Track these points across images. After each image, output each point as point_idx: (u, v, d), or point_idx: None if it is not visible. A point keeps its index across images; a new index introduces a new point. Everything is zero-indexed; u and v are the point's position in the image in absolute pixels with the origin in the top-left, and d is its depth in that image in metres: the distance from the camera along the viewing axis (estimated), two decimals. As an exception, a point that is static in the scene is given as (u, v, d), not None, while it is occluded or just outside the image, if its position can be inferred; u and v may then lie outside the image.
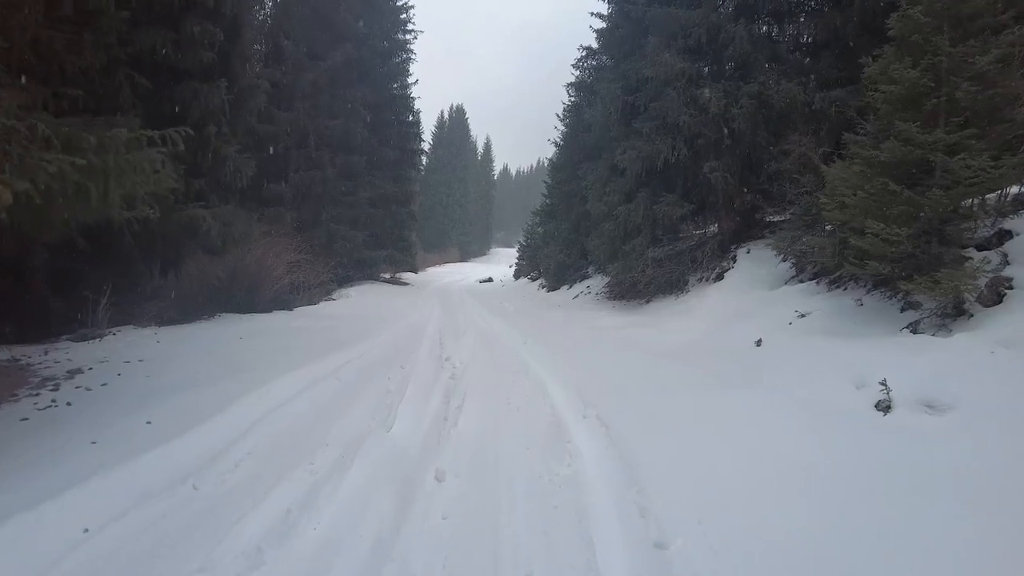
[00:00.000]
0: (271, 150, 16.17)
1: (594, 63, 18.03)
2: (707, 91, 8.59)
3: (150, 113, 6.45)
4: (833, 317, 5.50)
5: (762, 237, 9.84)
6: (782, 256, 8.23)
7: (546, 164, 25.62)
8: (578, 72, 18.74)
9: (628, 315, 9.42)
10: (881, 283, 5.74)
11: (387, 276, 20.79)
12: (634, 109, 9.99)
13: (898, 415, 3.34)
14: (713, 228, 10.74)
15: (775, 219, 10.92)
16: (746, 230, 10.04)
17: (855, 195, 5.03)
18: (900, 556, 2.03)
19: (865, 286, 5.99)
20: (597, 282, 13.77)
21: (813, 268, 7.72)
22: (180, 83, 6.67)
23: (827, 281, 6.89)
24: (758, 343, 5.50)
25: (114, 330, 5.98)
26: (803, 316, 5.87)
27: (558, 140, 20.21)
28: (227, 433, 3.24)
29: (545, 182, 23.33)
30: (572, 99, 19.46)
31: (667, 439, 3.20)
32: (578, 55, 18.20)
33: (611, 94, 10.29)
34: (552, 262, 18.36)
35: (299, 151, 16.79)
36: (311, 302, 12.35)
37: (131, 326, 6.34)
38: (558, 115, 20.29)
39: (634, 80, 10.09)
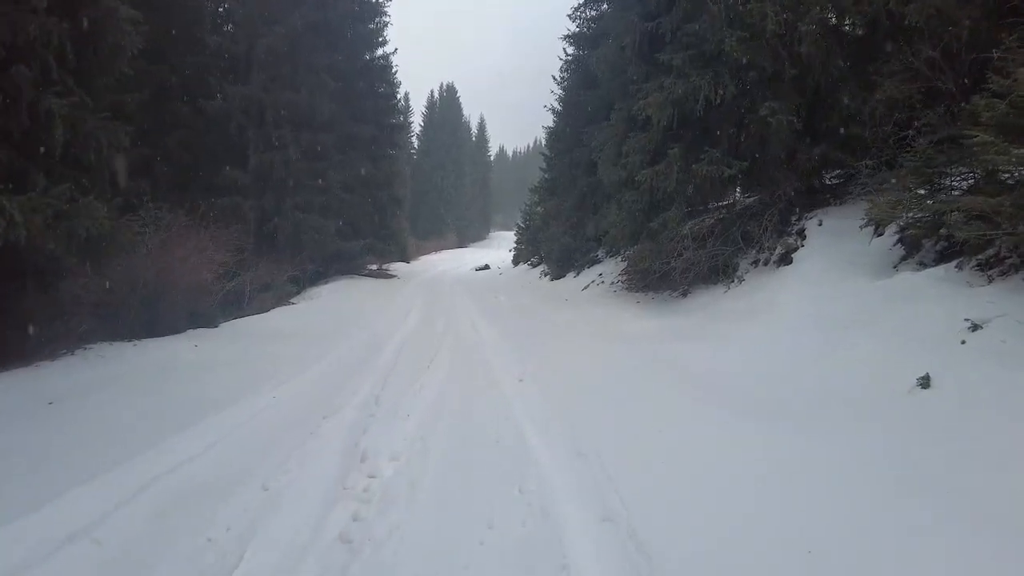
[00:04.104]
0: (226, 131, 13.88)
1: (595, 12, 15.54)
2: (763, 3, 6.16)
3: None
4: (1050, 330, 3.17)
5: (830, 204, 7.46)
6: (876, 227, 5.93)
7: (543, 141, 22.89)
8: (576, 25, 16.21)
9: (662, 315, 7.07)
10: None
11: (374, 267, 18.43)
12: (656, 39, 7.52)
13: None
14: (747, 194, 8.30)
15: (834, 182, 8.61)
16: (809, 195, 7.65)
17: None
18: None
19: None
20: (611, 268, 11.38)
21: (935, 245, 5.39)
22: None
23: (973, 265, 4.54)
24: (923, 383, 3.18)
25: None
26: (977, 328, 3.53)
27: (555, 105, 17.61)
28: None
29: (543, 154, 20.73)
30: (569, 56, 16.88)
31: None
32: (576, 3, 15.67)
33: (625, 22, 7.79)
34: (555, 245, 15.90)
35: (259, 130, 14.42)
36: (262, 309, 10.09)
37: None
38: (554, 77, 17.70)
39: (654, 3, 7.61)
